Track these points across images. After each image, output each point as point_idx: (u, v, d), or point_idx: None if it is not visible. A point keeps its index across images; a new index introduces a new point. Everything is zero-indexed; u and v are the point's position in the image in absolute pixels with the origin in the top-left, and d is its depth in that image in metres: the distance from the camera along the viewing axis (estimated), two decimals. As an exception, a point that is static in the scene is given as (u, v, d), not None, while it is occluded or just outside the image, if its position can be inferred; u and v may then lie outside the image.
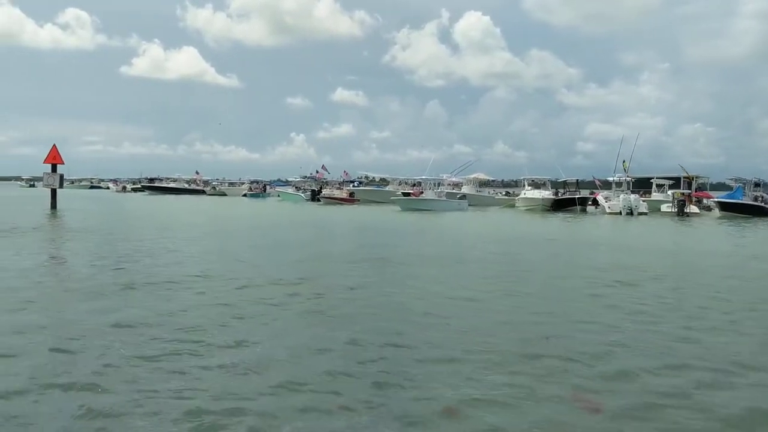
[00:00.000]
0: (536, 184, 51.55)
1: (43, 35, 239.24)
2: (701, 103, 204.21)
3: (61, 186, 36.10)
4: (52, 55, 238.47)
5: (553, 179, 52.90)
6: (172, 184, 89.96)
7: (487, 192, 63.41)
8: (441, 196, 49.66)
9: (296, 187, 72.60)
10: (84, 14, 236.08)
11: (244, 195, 78.04)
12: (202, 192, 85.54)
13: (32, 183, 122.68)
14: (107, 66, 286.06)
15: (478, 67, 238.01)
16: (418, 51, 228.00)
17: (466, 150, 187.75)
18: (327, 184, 73.45)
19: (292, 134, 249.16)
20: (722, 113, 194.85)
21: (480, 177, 63.23)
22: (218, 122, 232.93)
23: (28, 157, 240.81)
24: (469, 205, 50.63)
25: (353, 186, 64.74)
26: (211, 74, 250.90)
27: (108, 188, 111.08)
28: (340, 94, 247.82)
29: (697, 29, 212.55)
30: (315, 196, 64.69)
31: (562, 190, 51.69)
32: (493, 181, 69.10)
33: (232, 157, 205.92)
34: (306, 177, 76.89)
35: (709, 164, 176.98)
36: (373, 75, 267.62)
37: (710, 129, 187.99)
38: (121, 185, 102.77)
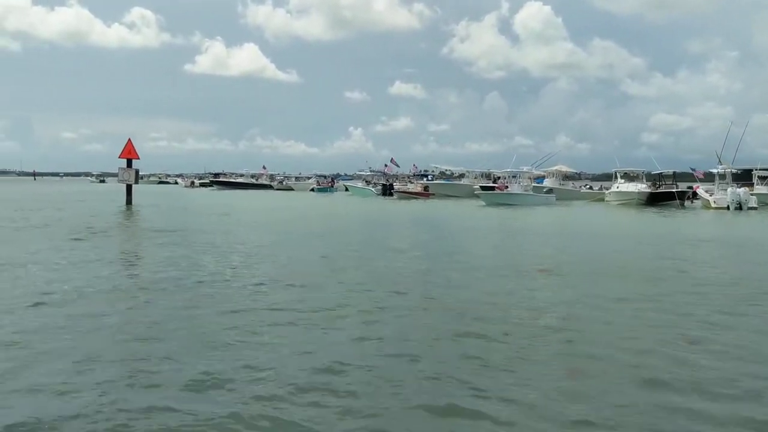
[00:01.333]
0: (630, 177, 47.75)
1: (110, 35, 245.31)
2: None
3: (136, 182, 34.79)
4: (119, 54, 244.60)
5: (647, 171, 48.87)
6: (239, 179, 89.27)
7: (570, 185, 59.64)
8: (527, 190, 46.62)
9: (366, 181, 70.44)
10: (149, 13, 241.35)
11: (312, 189, 76.50)
12: (269, 187, 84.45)
13: (102, 179, 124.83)
14: (171, 64, 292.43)
15: (538, 58, 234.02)
16: (477, 42, 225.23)
17: (526, 142, 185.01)
18: (396, 178, 71.08)
19: (350, 128, 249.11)
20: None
21: (563, 169, 59.65)
22: (278, 117, 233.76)
23: (96, 153, 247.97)
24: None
25: (427, 180, 62.05)
26: (271, 70, 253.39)
27: (176, 183, 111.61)
28: (398, 88, 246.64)
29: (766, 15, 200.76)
30: (386, 190, 62.38)
31: (658, 183, 47.65)
32: (578, 174, 65.14)
33: (292, 151, 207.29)
34: (375, 171, 74.58)
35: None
36: (431, 67, 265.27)
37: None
38: (189, 180, 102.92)
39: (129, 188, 34.25)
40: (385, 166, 78.02)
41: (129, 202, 33.86)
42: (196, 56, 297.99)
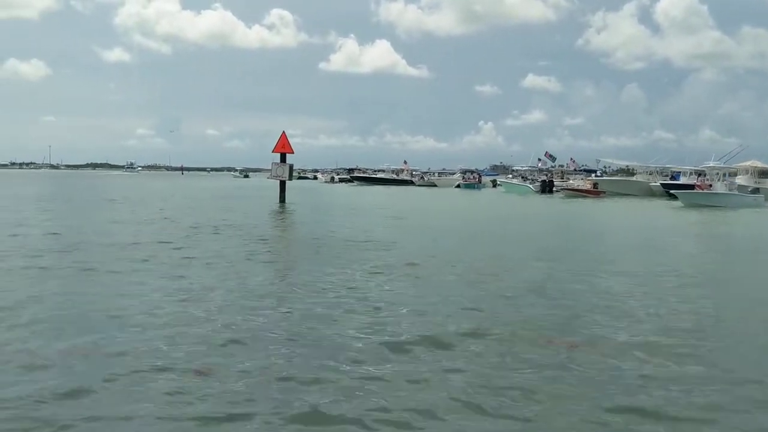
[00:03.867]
0: None
1: (251, 36, 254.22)
2: None
3: (290, 178, 31.61)
4: (259, 54, 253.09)
5: None
6: (379, 175, 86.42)
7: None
8: (732, 189, 39.49)
9: (522, 177, 64.89)
10: (287, 14, 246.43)
11: (457, 186, 71.91)
12: (411, 183, 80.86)
13: (246, 174, 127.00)
14: (307, 63, 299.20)
15: (682, 48, 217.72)
16: (615, 33, 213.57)
17: (667, 136, 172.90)
18: (552, 174, 65.11)
19: (480, 122, 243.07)
20: None
21: (757, 165, 51.10)
22: (407, 113, 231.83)
23: (237, 149, 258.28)
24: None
25: (595, 176, 55.63)
26: (402, 66, 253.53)
27: (315, 178, 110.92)
28: (531, 80, 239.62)
29: None
30: (546, 187, 56.69)
31: None
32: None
33: (420, 146, 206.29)
34: (532, 167, 68.84)
35: None
36: (566, 60, 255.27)
37: None
38: (328, 176, 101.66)
39: (283, 185, 31.11)
40: (539, 160, 72.21)
41: (282, 200, 30.72)
42: (330, 55, 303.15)
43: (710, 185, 38.44)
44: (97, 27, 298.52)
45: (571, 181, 61.68)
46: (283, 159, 30.86)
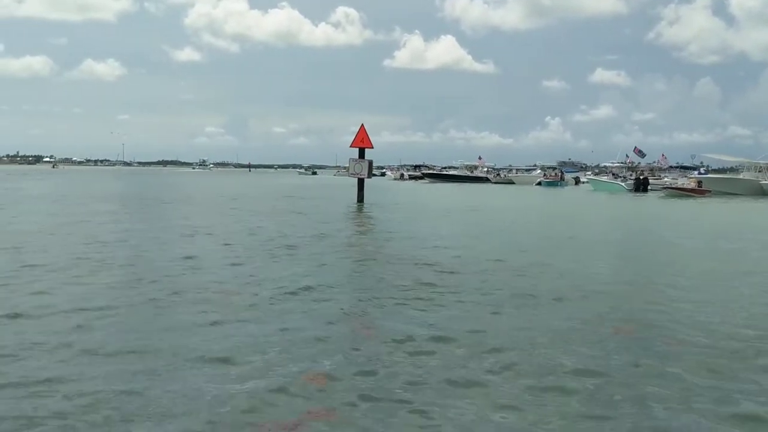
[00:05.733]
0: None
1: (317, 34, 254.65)
2: None
3: (369, 175, 28.50)
4: (325, 51, 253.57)
5: None
6: (452, 171, 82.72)
7: None
8: None
9: (613, 174, 59.99)
10: (353, 11, 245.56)
11: (538, 183, 67.40)
12: (486, 180, 76.79)
13: (314, 171, 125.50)
14: (372, 60, 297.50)
15: (759, 41, 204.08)
16: (688, 26, 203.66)
17: (743, 132, 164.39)
18: (641, 170, 60.14)
19: (547, 118, 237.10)
20: None
21: None
22: (472, 108, 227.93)
23: (302, 146, 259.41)
24: None
25: (698, 174, 50.48)
26: (467, 61, 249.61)
27: (383, 175, 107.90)
28: (600, 75, 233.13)
29: None
30: (640, 185, 51.91)
31: None
32: None
33: (485, 142, 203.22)
34: (623, 163, 63.86)
35: None
36: (636, 53, 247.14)
37: None
38: (397, 172, 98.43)
39: (361, 183, 28.05)
40: (627, 156, 67.14)
41: (360, 199, 27.67)
42: (395, 51, 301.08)
43: None
44: (168, 27, 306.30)
45: (665, 179, 56.76)
46: (361, 154, 27.78)
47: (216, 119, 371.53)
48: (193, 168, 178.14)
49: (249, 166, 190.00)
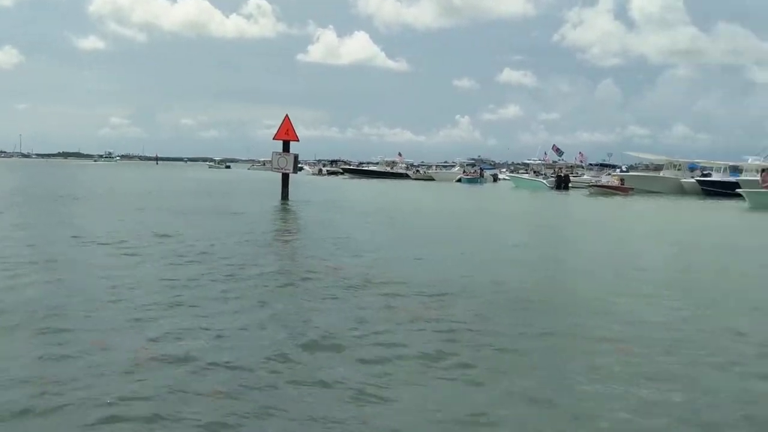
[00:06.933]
0: None
1: (228, 25, 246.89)
2: None
3: (295, 170, 26.26)
4: (237, 43, 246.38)
5: None
6: (372, 167, 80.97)
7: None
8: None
9: (535, 172, 59.72)
10: (265, 3, 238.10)
11: (459, 180, 66.40)
12: (406, 176, 75.48)
13: (227, 164, 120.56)
14: (286, 53, 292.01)
15: (657, 44, 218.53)
16: (590, 29, 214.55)
17: (642, 132, 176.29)
18: (559, 168, 60.52)
19: (457, 116, 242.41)
20: None
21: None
22: (386, 105, 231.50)
23: (213, 139, 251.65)
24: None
25: (620, 171, 50.69)
26: (381, 58, 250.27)
27: (301, 170, 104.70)
28: (508, 75, 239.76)
29: None
30: (561, 183, 51.77)
31: None
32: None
33: (398, 139, 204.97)
34: (542, 160, 63.93)
35: None
36: (542, 55, 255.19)
37: None
38: (315, 168, 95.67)
39: (286, 179, 25.74)
40: (545, 154, 67.47)
41: (285, 196, 25.42)
42: (308, 45, 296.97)
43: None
44: (71, 14, 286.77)
45: (584, 176, 57.09)
46: (285, 148, 25.49)
47: (121, 110, 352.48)
48: (95, 161, 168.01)
49: (156, 159, 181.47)
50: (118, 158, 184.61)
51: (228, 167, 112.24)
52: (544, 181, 52.89)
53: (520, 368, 5.30)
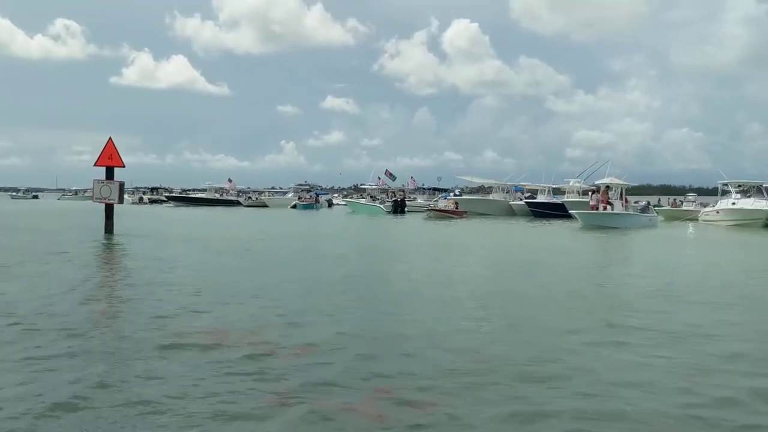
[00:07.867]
0: (745, 191, 38.91)
1: (33, 46, 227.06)
2: (689, 108, 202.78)
3: (120, 200, 23.14)
4: (43, 65, 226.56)
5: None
6: (200, 195, 76.84)
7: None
8: (628, 210, 37.12)
9: (371, 197, 59.33)
10: (74, 24, 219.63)
11: (293, 206, 64.71)
12: (238, 203, 72.54)
13: (35, 195, 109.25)
14: (97, 76, 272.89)
15: (467, 75, 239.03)
16: (407, 59, 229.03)
17: (456, 157, 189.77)
18: (392, 192, 61.09)
19: (282, 142, 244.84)
20: (710, 118, 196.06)
21: (615, 182, 49.91)
22: (208, 130, 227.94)
23: (16, 167, 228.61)
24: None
25: (454, 195, 51.74)
26: (201, 83, 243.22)
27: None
28: (330, 102, 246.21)
29: (684, 35, 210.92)
30: (398, 207, 52.04)
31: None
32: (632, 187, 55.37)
33: (222, 165, 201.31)
34: (376, 185, 63.95)
35: (696, 169, 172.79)
36: (362, 83, 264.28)
37: (698, 134, 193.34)
38: (137, 195, 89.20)
39: (110, 210, 22.64)
40: (379, 179, 67.92)
41: (110, 229, 22.31)
42: (122, 68, 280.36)
43: (611, 204, 35.25)
44: None
45: (417, 200, 58.00)
46: (109, 175, 22.39)
47: None
48: None
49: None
50: None
51: (36, 197, 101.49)
52: (381, 206, 52.82)
53: None
